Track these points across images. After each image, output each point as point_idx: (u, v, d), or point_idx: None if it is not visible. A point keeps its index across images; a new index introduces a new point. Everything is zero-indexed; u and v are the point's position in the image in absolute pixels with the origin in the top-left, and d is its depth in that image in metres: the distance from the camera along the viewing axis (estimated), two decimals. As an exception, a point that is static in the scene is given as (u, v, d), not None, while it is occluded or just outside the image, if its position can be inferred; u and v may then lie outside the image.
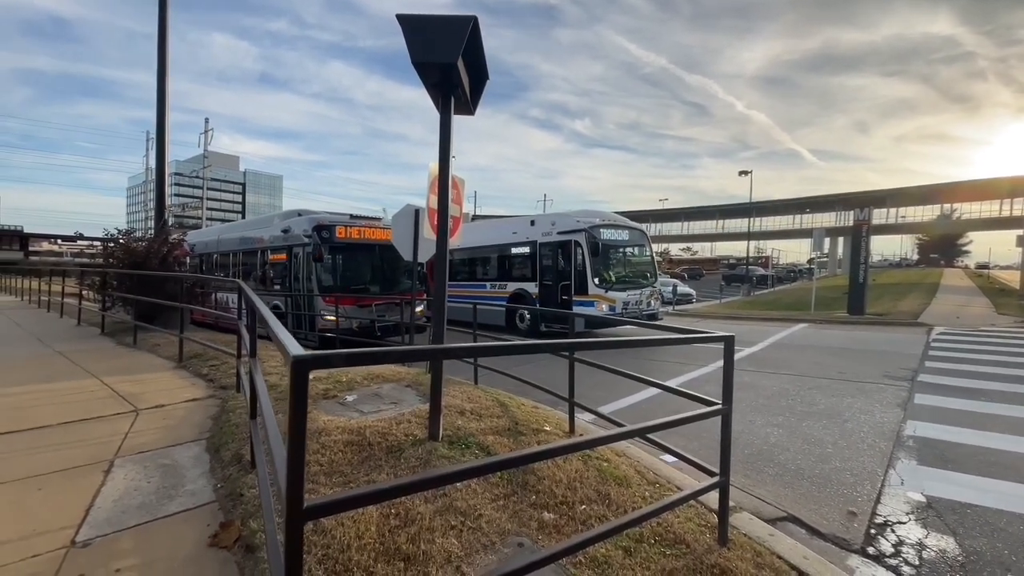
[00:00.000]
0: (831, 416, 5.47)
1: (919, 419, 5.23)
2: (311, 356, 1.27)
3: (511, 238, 13.43)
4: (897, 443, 4.56)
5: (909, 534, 3.01)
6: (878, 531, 3.05)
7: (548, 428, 4.29)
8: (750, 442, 4.61)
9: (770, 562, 2.49)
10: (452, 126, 3.68)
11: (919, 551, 2.83)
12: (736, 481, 3.58)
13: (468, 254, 14.88)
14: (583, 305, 11.20)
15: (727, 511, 2.66)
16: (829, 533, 3.02)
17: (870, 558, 2.78)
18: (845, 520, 3.18)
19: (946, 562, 2.73)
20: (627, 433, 2.45)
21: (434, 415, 3.58)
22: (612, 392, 6.03)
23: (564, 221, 12.08)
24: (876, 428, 5.00)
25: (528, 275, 12.83)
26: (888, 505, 3.37)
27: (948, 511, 3.27)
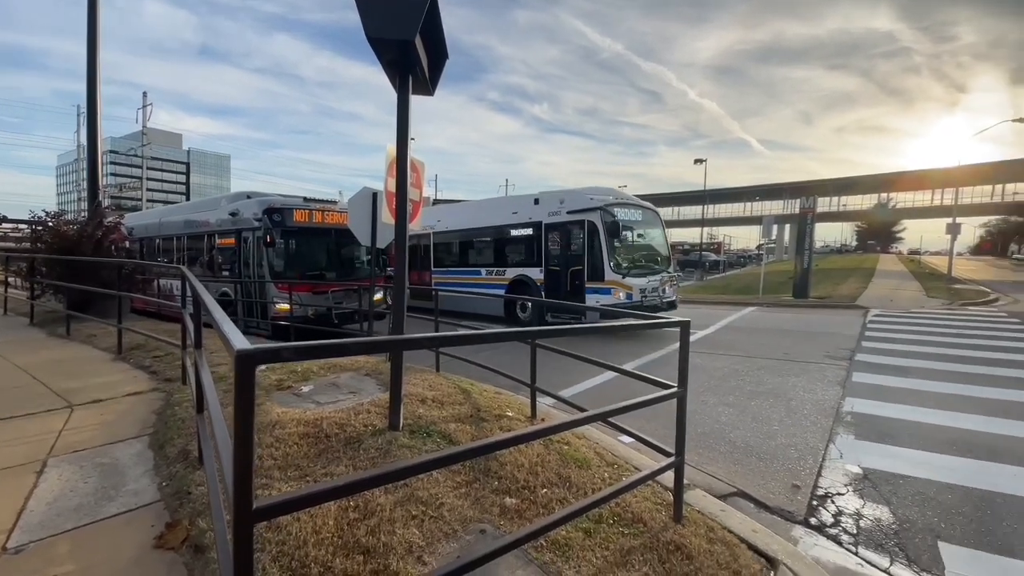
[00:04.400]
0: (777, 395, 5.76)
1: (856, 396, 5.59)
2: (257, 350, 1.20)
3: (511, 219, 12.09)
4: (837, 419, 4.86)
5: (848, 505, 3.22)
6: (820, 503, 3.25)
7: (510, 414, 4.30)
8: (703, 421, 4.79)
9: (722, 536, 2.60)
10: (410, 106, 3.56)
11: (857, 520, 3.04)
12: (690, 459, 3.72)
13: (459, 237, 13.79)
14: (598, 293, 10.05)
15: (682, 489, 2.75)
16: (776, 506, 3.19)
17: (812, 528, 2.96)
18: (790, 493, 3.37)
19: (881, 530, 2.94)
20: (588, 418, 2.48)
21: (394, 405, 3.51)
22: (573, 376, 6.12)
23: (575, 199, 10.80)
24: (818, 405, 5.31)
25: (531, 260, 11.60)
26: (828, 478, 3.60)
27: (883, 482, 3.52)
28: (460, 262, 13.60)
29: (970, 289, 20.39)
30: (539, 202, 11.56)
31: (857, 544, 2.79)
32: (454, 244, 14.06)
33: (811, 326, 11.35)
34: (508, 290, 11.82)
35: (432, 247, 14.23)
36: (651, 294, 10.38)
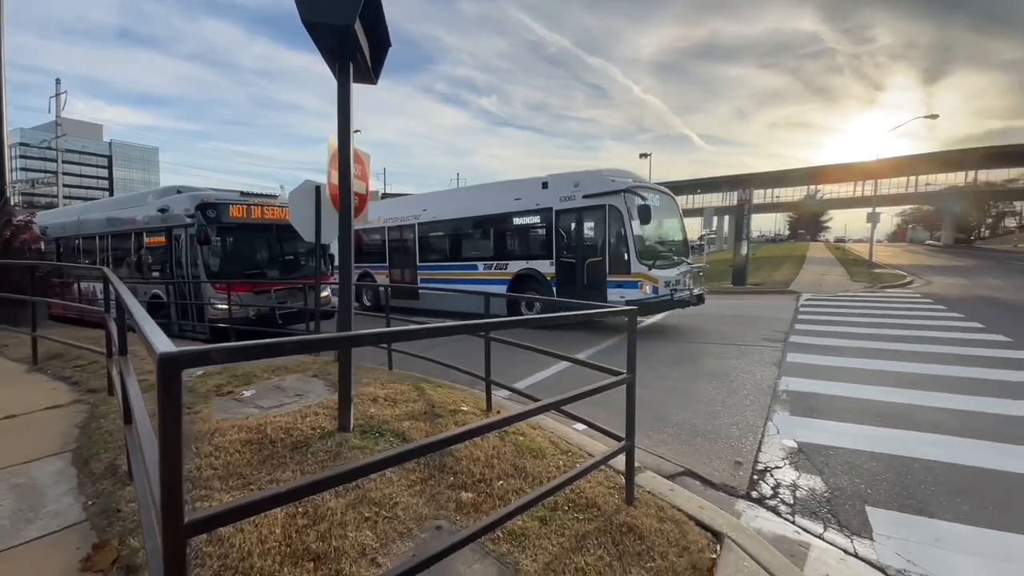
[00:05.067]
0: (719, 377, 6.05)
1: (791, 375, 5.96)
2: (181, 353, 1.11)
3: (513, 206, 10.76)
4: (774, 398, 5.16)
5: (785, 477, 3.43)
6: (760, 477, 3.44)
7: (465, 408, 4.28)
8: (652, 405, 4.95)
9: (671, 515, 2.70)
10: (352, 96, 3.43)
11: (793, 491, 3.24)
12: (641, 443, 3.84)
13: (449, 228, 12.30)
14: (623, 288, 8.88)
15: (633, 472, 2.83)
16: (720, 483, 3.34)
17: (754, 501, 3.13)
18: (733, 470, 3.54)
19: (815, 499, 3.14)
20: (541, 408, 2.50)
21: (344, 405, 3.40)
22: (529, 368, 6.17)
23: (593, 181, 9.50)
24: (756, 385, 5.62)
25: (539, 251, 10.29)
26: (767, 453, 3.81)
27: (816, 454, 3.77)
28: (452, 256, 12.21)
29: (888, 273, 22.19)
30: (548, 186, 10.23)
31: (794, 513, 2.97)
32: (444, 236, 12.56)
33: (749, 311, 11.98)
34: (511, 286, 10.61)
35: (417, 240, 12.81)
36: (678, 287, 9.35)
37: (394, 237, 13.47)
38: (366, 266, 13.88)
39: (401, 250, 13.31)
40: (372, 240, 14.19)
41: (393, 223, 13.36)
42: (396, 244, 13.48)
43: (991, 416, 4.47)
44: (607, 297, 8.97)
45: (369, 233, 14.08)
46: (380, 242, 13.82)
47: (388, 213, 13.53)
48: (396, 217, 13.31)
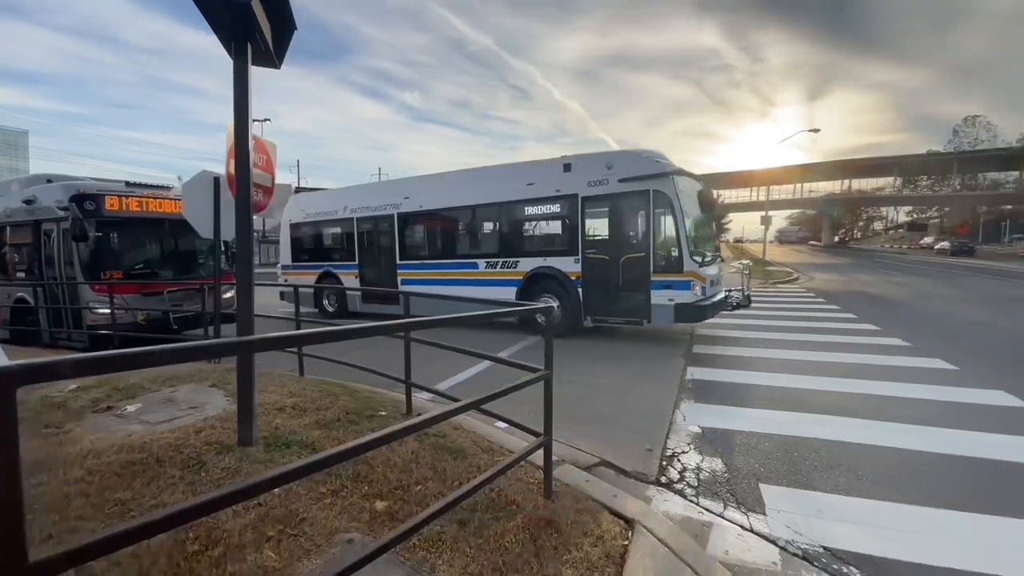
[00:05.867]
0: (632, 369, 6.36)
1: (696, 366, 6.40)
2: (18, 368, 0.94)
3: (526, 192, 9.08)
4: (681, 387, 5.51)
5: (690, 461, 3.65)
6: (668, 462, 3.64)
7: (384, 413, 4.13)
8: (572, 400, 5.08)
9: (587, 506, 2.77)
10: (252, 79, 3.17)
11: (697, 474, 3.46)
12: (560, 436, 3.91)
13: (441, 220, 10.50)
14: (673, 288, 7.56)
15: (551, 466, 2.87)
16: (633, 470, 3.49)
17: (662, 486, 3.30)
18: (645, 457, 3.72)
19: (716, 480, 3.38)
20: (460, 408, 2.45)
21: (244, 417, 3.13)
22: (453, 368, 6.08)
23: (630, 162, 8.00)
24: (666, 376, 5.97)
25: (560, 246, 8.81)
26: (674, 439, 4.05)
27: (717, 438, 4.07)
28: (444, 253, 10.40)
29: (779, 270, 24.64)
30: (571, 168, 8.61)
31: (698, 495, 3.17)
32: (433, 229, 10.71)
33: (662, 306, 12.71)
34: (522, 288, 9.05)
35: (397, 233, 10.82)
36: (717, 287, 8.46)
37: (366, 230, 11.41)
38: (328, 265, 12.03)
39: (375, 246, 11.28)
40: (335, 233, 12.20)
41: (364, 213, 11.35)
42: (369, 239, 11.42)
43: (866, 397, 5.08)
44: (651, 300, 7.69)
45: (330, 225, 12.19)
46: (347, 236, 11.76)
47: (357, 202, 11.52)
48: (368, 207, 11.27)
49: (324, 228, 12.36)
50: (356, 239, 11.51)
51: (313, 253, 12.49)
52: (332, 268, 12.00)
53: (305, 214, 12.37)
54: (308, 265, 12.36)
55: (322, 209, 12.16)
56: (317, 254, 12.41)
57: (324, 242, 12.44)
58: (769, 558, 2.52)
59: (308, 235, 12.59)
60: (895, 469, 3.48)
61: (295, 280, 12.23)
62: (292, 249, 12.69)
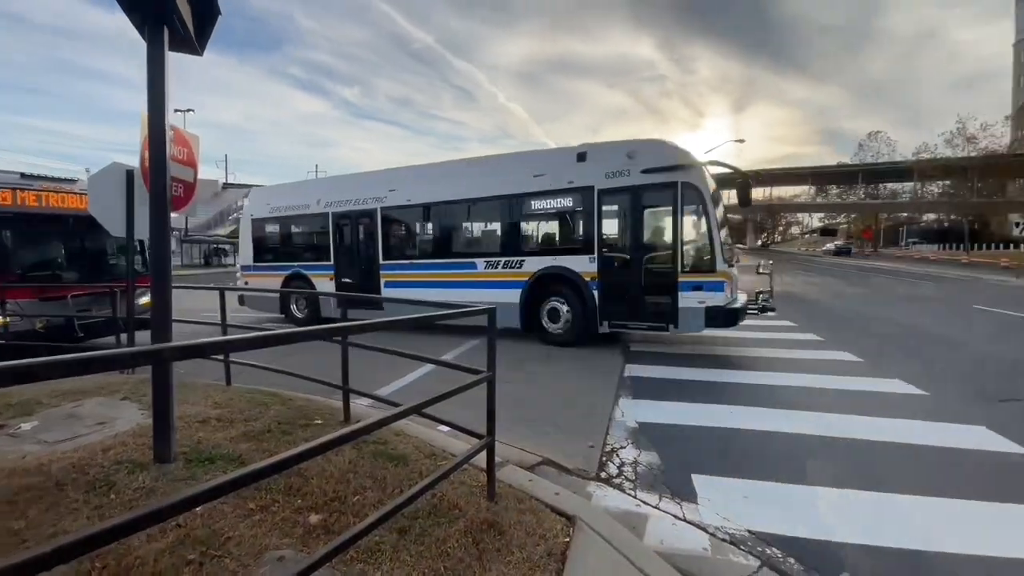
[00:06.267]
0: (575, 368, 6.50)
1: (633, 363, 6.64)
2: None
3: (533, 184, 8.24)
4: (620, 384, 5.69)
5: (628, 455, 3.78)
6: (607, 458, 3.74)
7: (319, 421, 3.95)
8: (516, 400, 5.11)
9: (530, 505, 2.79)
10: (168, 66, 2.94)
11: (635, 467, 3.58)
12: (504, 437, 3.92)
13: (432, 215, 9.40)
14: (705, 289, 6.94)
15: (494, 468, 2.87)
16: (575, 468, 3.56)
17: (602, 481, 3.39)
18: (586, 454, 3.80)
19: (652, 472, 3.51)
20: (400, 414, 2.39)
21: (161, 431, 2.89)
22: (395, 372, 5.93)
23: (654, 151, 7.34)
24: (605, 374, 6.15)
25: (573, 244, 8.03)
26: (614, 435, 4.18)
27: (653, 432, 4.23)
28: (435, 251, 9.37)
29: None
30: (586, 158, 7.86)
31: (636, 488, 3.28)
32: (423, 225, 9.70)
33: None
34: (528, 290, 8.23)
35: (380, 231, 9.77)
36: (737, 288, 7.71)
37: (342, 226, 10.29)
38: (297, 266, 10.84)
39: (354, 244, 10.18)
40: (306, 230, 11.06)
41: (342, 208, 10.25)
42: (346, 236, 10.28)
43: (787, 388, 5.47)
44: (678, 302, 7.05)
45: (300, 221, 11.01)
46: (320, 234, 10.62)
47: (333, 195, 10.39)
48: (346, 200, 10.19)
49: (293, 224, 11.18)
50: (331, 237, 10.36)
51: (280, 253, 11.27)
52: (302, 269, 10.77)
53: (270, 208, 11.20)
54: (274, 266, 11.16)
55: (291, 203, 10.96)
56: (285, 254, 11.19)
57: (293, 240, 11.26)
58: (700, 544, 2.65)
59: (274, 232, 11.41)
60: (811, 454, 3.77)
61: (258, 283, 11.21)
62: (254, 248, 11.44)
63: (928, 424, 4.35)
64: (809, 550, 2.59)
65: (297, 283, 10.77)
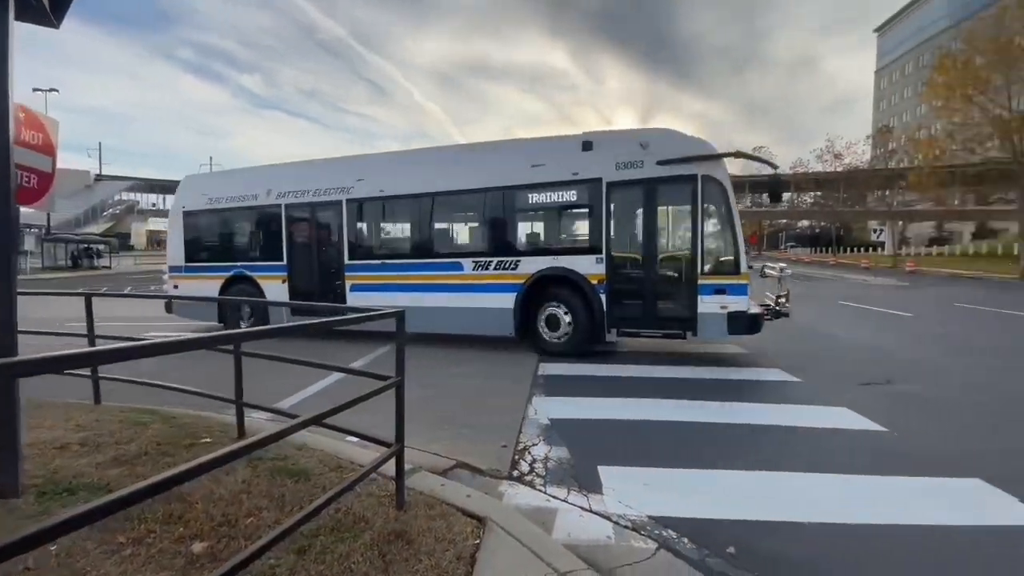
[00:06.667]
0: (486, 368, 6.55)
1: (547, 362, 6.82)
2: None
3: (532, 176, 7.47)
4: (533, 383, 5.82)
5: (539, 452, 3.86)
6: (520, 456, 3.80)
7: (208, 440, 3.61)
8: (430, 404, 5.03)
9: (440, 511, 2.75)
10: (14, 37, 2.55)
11: (545, 464, 3.67)
12: (416, 443, 3.85)
13: (413, 210, 8.31)
14: (728, 293, 6.47)
15: (403, 476, 2.79)
16: (488, 469, 3.57)
17: (514, 480, 3.43)
18: (499, 454, 3.83)
19: (561, 467, 3.62)
20: (296, 426, 2.24)
21: (5, 462, 2.47)
22: (302, 381, 5.57)
23: (671, 141, 6.82)
24: (519, 373, 6.26)
25: (577, 243, 7.41)
26: (526, 433, 4.26)
27: (564, 428, 4.37)
28: (414, 250, 8.32)
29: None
30: (593, 147, 7.18)
31: (546, 484, 3.36)
32: (398, 220, 8.72)
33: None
34: (524, 294, 7.42)
35: (346, 226, 8.63)
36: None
37: (298, 220, 9.07)
38: (241, 266, 9.52)
39: (313, 242, 9.00)
40: (252, 225, 9.63)
41: (298, 199, 9.00)
42: (302, 232, 9.05)
43: (685, 381, 5.91)
44: (698, 307, 6.56)
45: (245, 215, 9.58)
46: (270, 229, 9.28)
47: (287, 184, 9.11)
48: (303, 191, 8.95)
49: (237, 218, 9.73)
50: (284, 233, 9.11)
51: (219, 251, 9.83)
52: (248, 270, 9.45)
53: (208, 200, 9.80)
54: (211, 267, 9.77)
55: (234, 193, 9.57)
56: (225, 252, 9.76)
57: (236, 237, 9.81)
58: (604, 533, 2.77)
59: (212, 227, 9.94)
60: (705, 440, 4.11)
61: (190, 286, 9.80)
62: (187, 246, 10.00)
63: (801, 408, 4.92)
64: (701, 529, 2.81)
65: (240, 286, 9.46)
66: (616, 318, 6.99)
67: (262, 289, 9.28)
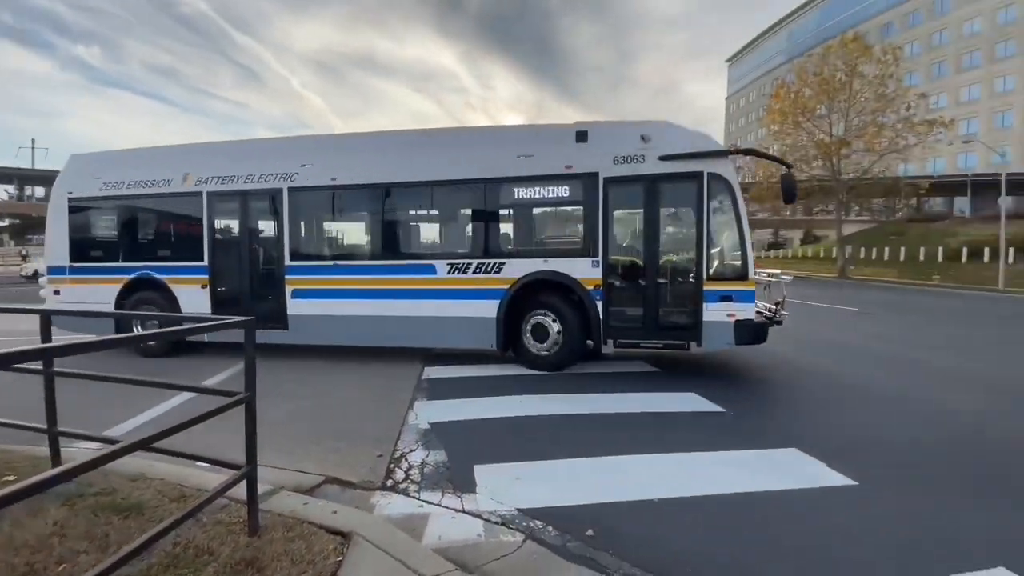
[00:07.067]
0: (368, 375, 6.33)
1: (432, 365, 6.77)
2: None
3: (519, 168, 6.65)
4: (417, 387, 5.74)
5: (416, 458, 3.81)
6: (396, 464, 3.72)
7: (12, 477, 3.01)
8: (303, 418, 4.72)
9: (301, 531, 2.58)
10: None
11: (422, 469, 3.63)
12: (279, 461, 3.60)
13: (374, 204, 7.18)
14: (736, 300, 5.99)
15: (256, 500, 2.58)
16: (360, 481, 3.43)
17: (388, 489, 3.34)
18: (374, 464, 3.71)
19: (438, 471, 3.61)
20: (115, 453, 1.94)
21: None
22: (146, 402, 4.88)
23: (674, 136, 6.30)
24: (403, 378, 6.13)
25: (570, 244, 6.76)
26: (404, 439, 4.18)
27: (443, 431, 4.36)
28: (374, 250, 7.22)
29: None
30: (588, 138, 6.52)
31: (420, 490, 3.32)
32: (354, 214, 7.62)
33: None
34: (509, 301, 6.58)
35: (287, 220, 7.31)
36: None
37: (224, 212, 7.63)
38: (146, 267, 7.75)
39: (244, 238, 7.54)
40: (163, 218, 7.97)
41: (225, 186, 7.50)
42: (230, 227, 7.65)
43: (560, 376, 6.22)
44: (703, 315, 6.03)
45: (154, 204, 7.87)
46: (187, 223, 7.71)
47: (210, 168, 7.56)
48: (231, 176, 7.46)
49: (142, 208, 8.00)
50: (206, 227, 7.56)
51: (117, 248, 7.95)
52: (156, 272, 7.71)
53: (103, 185, 7.91)
54: (107, 267, 7.89)
55: (140, 177, 7.80)
56: (126, 250, 7.94)
57: (142, 231, 8.09)
58: (474, 531, 2.81)
59: (108, 219, 8.07)
60: (573, 431, 4.37)
61: (76, 292, 7.85)
62: (73, 242, 8.01)
63: (658, 395, 5.45)
64: (565, 516, 2.97)
65: (144, 293, 7.76)
66: (613, 327, 6.38)
67: (174, 295, 7.63)
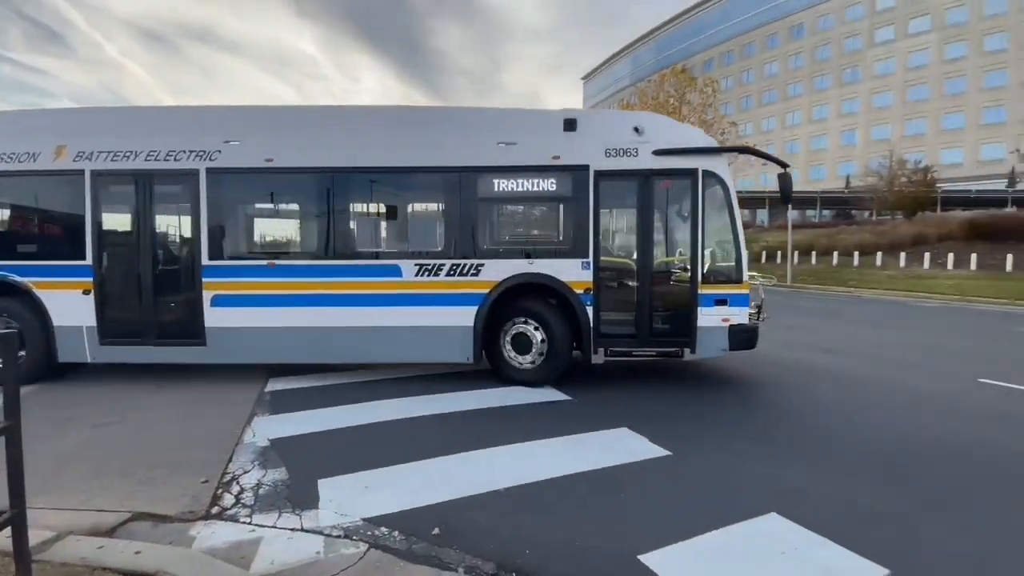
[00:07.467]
0: (201, 391, 5.62)
1: (278, 376, 6.19)
2: None
3: (500, 156, 5.85)
4: (258, 401, 5.24)
5: (251, 480, 3.48)
6: (224, 489, 3.35)
7: None
8: (114, 446, 4.01)
9: (91, 582, 2.21)
10: None
11: (256, 491, 3.33)
12: (78, 500, 3.04)
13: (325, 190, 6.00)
14: (731, 304, 5.70)
15: (26, 550, 2.13)
16: (176, 513, 3.02)
17: (213, 518, 3.00)
18: (197, 492, 3.30)
19: (276, 491, 3.33)
20: None
21: None
22: None
23: (669, 130, 5.99)
24: (242, 392, 5.54)
25: (557, 243, 6.10)
26: (237, 460, 3.79)
27: (285, 447, 4.05)
28: (321, 247, 6.09)
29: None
30: (577, 126, 5.88)
31: (252, 513, 3.04)
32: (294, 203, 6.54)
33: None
34: (488, 307, 5.77)
35: (204, 208, 5.82)
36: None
37: (116, 196, 6.06)
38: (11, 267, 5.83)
39: (144, 230, 5.97)
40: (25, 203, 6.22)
41: (116, 164, 5.82)
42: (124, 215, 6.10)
43: (416, 378, 6.16)
44: (697, 320, 5.70)
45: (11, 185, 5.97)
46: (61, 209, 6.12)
47: (97, 141, 5.79)
48: (127, 152, 5.80)
49: None
50: (90, 215, 5.83)
51: None
52: (16, 273, 5.81)
53: None
54: None
55: None
56: None
57: None
58: (313, 549, 2.66)
59: None
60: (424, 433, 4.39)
61: None
62: None
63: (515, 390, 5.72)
64: (413, 518, 2.97)
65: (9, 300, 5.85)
66: (604, 334, 5.89)
67: (40, 302, 5.83)
